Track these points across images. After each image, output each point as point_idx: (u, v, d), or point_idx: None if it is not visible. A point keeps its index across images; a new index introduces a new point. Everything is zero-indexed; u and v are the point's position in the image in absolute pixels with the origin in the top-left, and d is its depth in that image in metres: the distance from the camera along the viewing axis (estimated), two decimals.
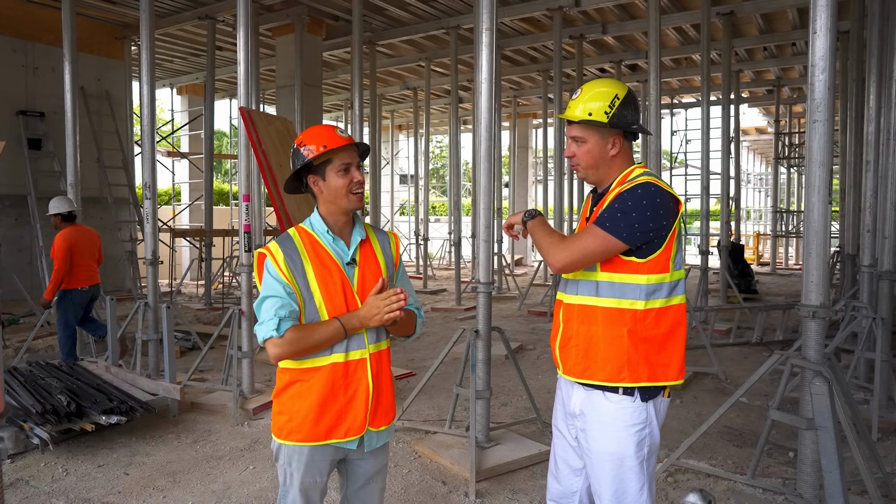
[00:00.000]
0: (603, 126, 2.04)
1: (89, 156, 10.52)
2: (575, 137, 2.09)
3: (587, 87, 2.07)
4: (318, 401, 1.95)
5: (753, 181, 28.96)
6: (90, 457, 4.05)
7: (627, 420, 2.02)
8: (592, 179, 2.15)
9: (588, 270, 2.06)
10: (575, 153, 2.10)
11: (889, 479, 3.46)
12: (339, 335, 1.93)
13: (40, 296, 9.11)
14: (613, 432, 2.02)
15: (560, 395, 2.24)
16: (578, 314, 2.08)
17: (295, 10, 9.62)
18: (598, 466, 2.06)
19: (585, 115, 2.03)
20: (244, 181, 5.04)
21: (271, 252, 1.98)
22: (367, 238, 2.09)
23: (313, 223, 2.05)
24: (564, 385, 2.20)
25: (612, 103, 2.02)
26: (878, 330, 4.72)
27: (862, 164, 5.87)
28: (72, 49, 6.09)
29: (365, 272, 2.03)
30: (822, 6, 2.84)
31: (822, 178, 2.90)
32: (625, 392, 2.01)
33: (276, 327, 1.88)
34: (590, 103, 2.04)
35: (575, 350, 2.08)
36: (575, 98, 2.09)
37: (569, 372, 2.10)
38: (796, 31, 10.80)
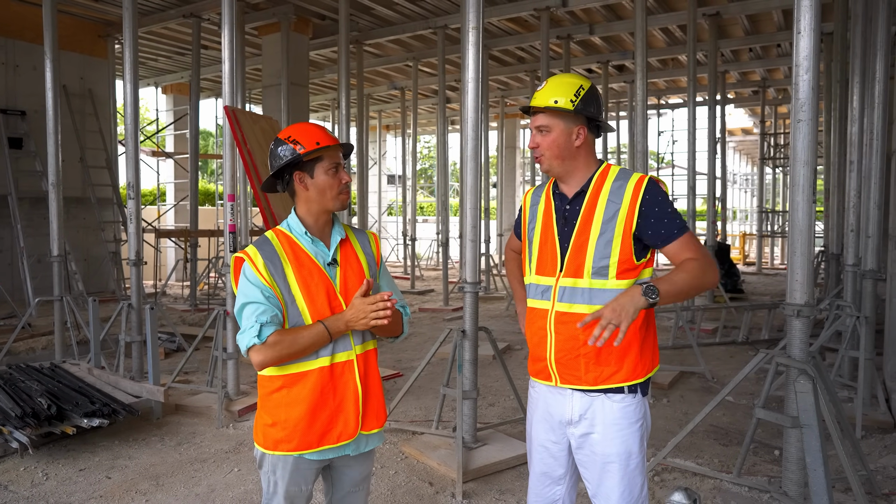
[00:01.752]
0: (568, 114, 2.02)
1: (72, 155, 10.38)
2: (540, 127, 2.05)
3: (552, 79, 2.07)
4: (307, 408, 1.90)
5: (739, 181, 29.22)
6: (71, 461, 3.98)
7: (631, 417, 2.02)
8: (557, 172, 2.08)
9: (600, 279, 1.98)
10: (539, 143, 2.06)
11: (873, 477, 3.49)
12: (323, 339, 1.88)
13: (21, 297, 9.01)
14: (620, 431, 2.01)
15: (543, 406, 2.15)
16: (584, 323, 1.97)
17: (281, 8, 9.55)
18: (606, 469, 2.02)
19: (551, 102, 2.01)
20: (229, 181, 4.99)
21: (249, 256, 1.92)
22: (346, 238, 2.05)
23: (291, 225, 2.00)
24: (553, 394, 2.11)
25: (578, 93, 2.02)
26: (861, 329, 4.76)
27: (846, 164, 5.92)
28: (53, 47, 5.99)
29: (347, 272, 2.00)
30: (806, 7, 2.85)
31: (807, 177, 2.92)
32: (629, 390, 2.01)
33: (258, 333, 1.83)
34: (555, 92, 2.02)
35: (584, 360, 2.01)
36: (540, 90, 2.06)
37: (576, 381, 2.02)
38: (781, 33, 10.90)
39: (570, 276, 2.02)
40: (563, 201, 2.10)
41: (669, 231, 1.97)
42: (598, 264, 1.98)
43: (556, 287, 2.05)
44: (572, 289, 2.02)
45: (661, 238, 1.98)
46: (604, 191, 2.03)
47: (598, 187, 2.04)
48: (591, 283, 1.99)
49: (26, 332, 7.14)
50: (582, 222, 2.03)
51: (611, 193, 2.02)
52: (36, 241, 9.37)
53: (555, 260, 2.06)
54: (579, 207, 2.05)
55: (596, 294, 1.99)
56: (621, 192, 2.00)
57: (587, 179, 2.06)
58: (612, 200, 2.01)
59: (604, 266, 1.98)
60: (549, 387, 2.11)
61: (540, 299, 2.10)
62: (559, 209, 2.10)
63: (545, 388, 2.13)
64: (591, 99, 2.04)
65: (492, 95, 15.76)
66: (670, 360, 6.50)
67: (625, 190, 2.00)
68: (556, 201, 2.12)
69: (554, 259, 2.07)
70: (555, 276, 2.06)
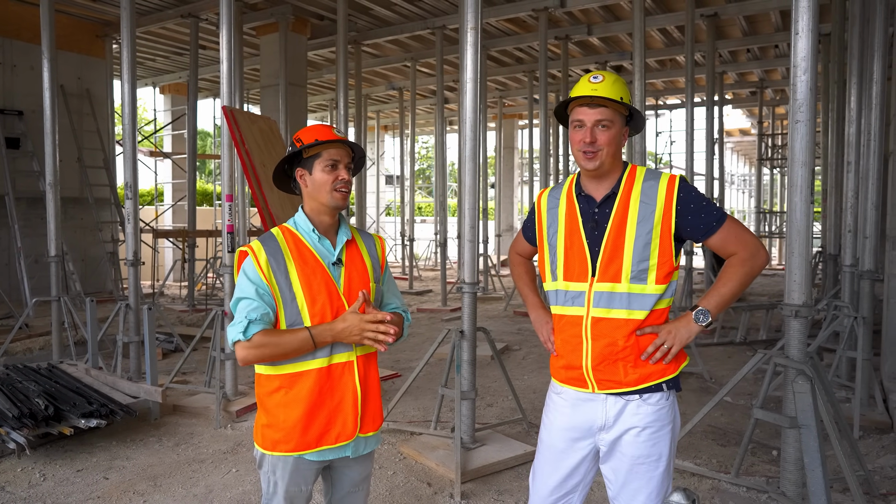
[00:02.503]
0: (625, 111, 1.97)
1: (69, 155, 10.36)
2: (602, 121, 1.92)
3: (610, 75, 1.95)
4: (305, 409, 1.90)
5: (737, 182, 29.27)
6: (69, 461, 3.97)
7: (665, 419, 1.98)
8: (605, 171, 1.97)
9: (639, 283, 1.92)
10: (598, 139, 1.92)
11: (870, 477, 3.49)
12: (307, 346, 1.86)
13: (19, 298, 8.99)
14: (653, 433, 1.96)
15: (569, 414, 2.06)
16: (622, 328, 1.94)
17: (279, 8, 9.55)
18: (634, 469, 1.97)
19: (618, 96, 1.92)
20: (227, 181, 4.98)
21: (253, 251, 1.92)
22: (352, 239, 2.05)
23: (298, 222, 2.01)
24: (586, 401, 2.02)
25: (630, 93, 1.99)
26: (859, 329, 4.77)
27: (843, 165, 5.94)
28: (51, 46, 5.98)
29: (351, 272, 1.99)
30: (804, 7, 2.86)
31: (805, 177, 2.92)
32: (667, 387, 1.98)
33: (244, 330, 1.84)
34: (619, 90, 1.93)
35: (624, 363, 1.95)
36: (598, 82, 1.93)
37: (616, 385, 1.96)
38: (779, 34, 10.92)
39: (607, 281, 1.95)
40: (590, 204, 2.01)
41: (709, 223, 1.93)
42: (638, 268, 1.92)
43: (591, 292, 1.97)
44: (610, 294, 1.95)
45: (701, 232, 1.94)
46: (634, 192, 1.96)
47: (629, 189, 1.97)
48: (629, 287, 1.93)
49: (23, 332, 7.12)
50: (615, 225, 1.95)
51: (642, 195, 1.95)
52: (33, 242, 9.34)
53: (584, 265, 1.98)
54: (609, 210, 1.97)
55: (635, 299, 1.93)
56: (653, 192, 1.94)
57: (617, 180, 1.99)
58: (645, 202, 1.94)
59: (643, 269, 1.92)
60: (582, 393, 2.03)
61: (571, 305, 2.02)
62: (586, 212, 2.01)
63: (576, 395, 2.04)
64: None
65: (490, 96, 15.77)
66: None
67: (657, 190, 1.94)
68: (582, 203, 2.02)
69: (584, 264, 1.99)
70: (587, 281, 1.98)
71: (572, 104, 1.98)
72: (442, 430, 4.32)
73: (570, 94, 1.98)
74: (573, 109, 1.98)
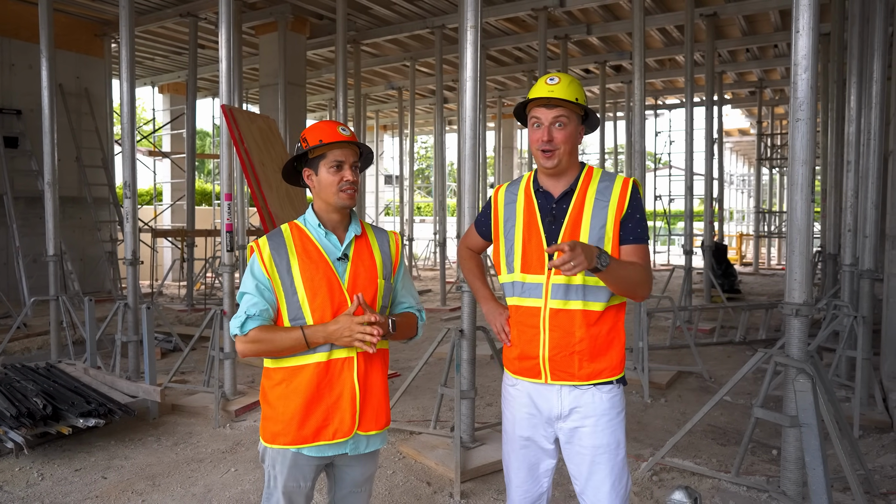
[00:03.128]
0: (581, 112, 2.07)
1: (68, 154, 10.34)
2: (559, 119, 2.02)
3: (566, 77, 2.06)
4: (302, 402, 1.92)
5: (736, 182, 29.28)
6: (67, 461, 3.96)
7: (617, 407, 2.08)
8: (562, 168, 2.07)
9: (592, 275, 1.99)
10: (555, 137, 2.02)
11: (871, 476, 3.49)
12: (299, 346, 1.89)
13: (17, 297, 8.97)
14: (609, 421, 2.06)
15: (528, 403, 2.14)
16: (579, 319, 2.03)
17: (278, 8, 9.53)
18: (598, 460, 2.05)
19: (573, 97, 2.02)
20: (226, 180, 4.97)
21: (258, 246, 1.98)
22: (363, 234, 2.06)
23: (306, 218, 2.04)
24: (540, 391, 2.11)
25: (585, 94, 2.08)
26: (859, 328, 4.77)
27: (843, 164, 5.94)
28: (49, 45, 5.96)
29: (358, 268, 2.00)
30: (805, 6, 2.85)
31: (805, 176, 2.91)
32: (617, 382, 2.08)
33: (242, 325, 1.89)
34: (574, 90, 2.04)
35: (579, 356, 2.04)
36: (554, 83, 2.03)
37: (569, 378, 2.04)
38: (778, 33, 10.91)
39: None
40: (548, 199, 2.10)
41: (633, 234, 2.05)
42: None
43: (548, 284, 2.05)
44: (567, 286, 2.03)
45: (623, 237, 2.05)
46: (590, 190, 2.07)
47: (585, 187, 2.08)
48: (584, 279, 2.02)
49: (22, 332, 7.10)
50: (571, 220, 2.05)
51: (598, 193, 2.06)
52: (32, 241, 9.32)
53: (542, 257, 2.06)
54: (567, 206, 2.07)
55: (590, 290, 2.03)
56: (608, 192, 2.05)
57: (574, 178, 2.10)
58: (600, 199, 2.05)
59: None
60: (537, 384, 2.11)
61: (528, 297, 2.09)
62: (544, 206, 2.10)
63: (530, 386, 2.13)
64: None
65: (489, 95, 15.76)
66: (668, 360, 6.51)
67: (611, 191, 2.05)
68: (540, 199, 2.11)
69: (541, 257, 2.07)
70: (544, 273, 2.06)
71: (530, 105, 2.07)
72: (441, 430, 4.31)
73: (529, 95, 2.09)
74: (531, 110, 2.08)
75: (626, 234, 2.04)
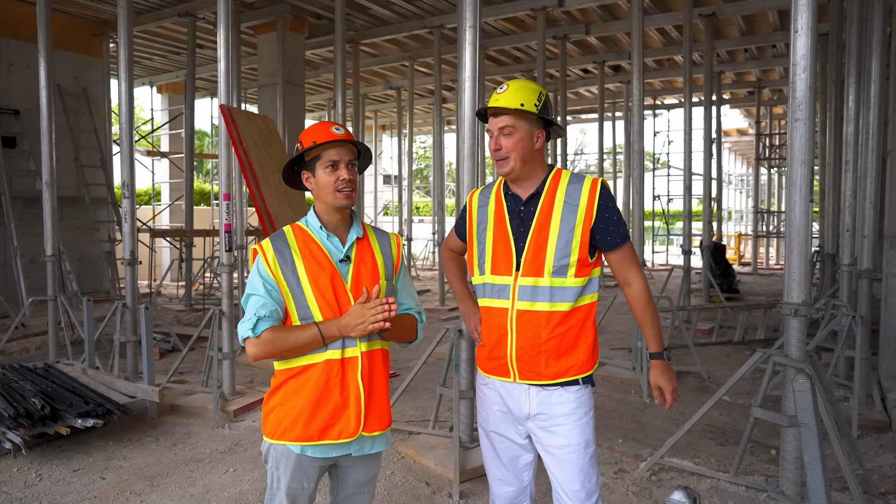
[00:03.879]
0: (531, 117, 2.07)
1: (66, 154, 10.33)
2: (504, 128, 2.06)
3: (514, 83, 2.09)
4: (312, 397, 1.92)
5: (735, 182, 29.30)
6: (65, 461, 3.95)
7: (586, 406, 2.11)
8: (518, 174, 2.10)
9: (559, 277, 2.04)
10: (503, 145, 2.07)
11: (869, 476, 3.49)
12: (316, 342, 1.89)
13: (15, 297, 8.96)
14: (577, 420, 2.08)
15: (499, 401, 2.18)
16: (545, 320, 2.06)
17: (277, 7, 9.53)
18: (567, 459, 2.08)
19: (517, 104, 2.04)
20: (225, 180, 4.96)
21: (262, 248, 1.98)
22: (364, 236, 2.06)
23: (308, 220, 2.04)
24: (510, 389, 2.14)
25: (540, 98, 2.08)
26: (857, 328, 4.77)
27: (841, 164, 5.94)
28: (47, 45, 5.95)
29: (360, 270, 2.00)
30: (804, 6, 2.85)
31: (804, 175, 2.92)
32: (583, 382, 2.11)
33: (253, 327, 1.87)
34: (520, 96, 2.05)
35: (545, 356, 2.07)
36: (501, 92, 2.08)
37: (536, 377, 2.08)
38: (777, 33, 10.93)
39: (530, 276, 2.06)
40: (516, 202, 2.13)
41: (615, 238, 2.08)
42: (559, 263, 2.04)
43: (515, 286, 2.08)
44: (533, 287, 2.06)
45: (607, 243, 2.08)
46: (559, 193, 2.08)
47: (553, 189, 2.10)
48: (551, 281, 2.05)
49: (20, 332, 7.10)
50: (539, 223, 2.07)
51: (566, 195, 2.07)
52: (30, 241, 9.31)
53: (510, 260, 2.09)
54: (534, 208, 2.09)
55: (556, 292, 2.05)
56: (577, 194, 2.07)
57: (541, 181, 2.12)
58: (568, 202, 2.06)
59: (564, 265, 2.04)
60: (506, 382, 2.14)
61: (497, 298, 2.13)
62: (513, 209, 2.13)
63: (501, 385, 2.16)
64: (549, 105, 2.12)
65: (487, 95, 15.74)
66: None
67: (580, 193, 2.07)
68: (509, 202, 2.14)
69: (509, 259, 2.09)
70: (511, 275, 2.09)
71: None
72: (440, 430, 4.31)
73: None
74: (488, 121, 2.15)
75: (611, 238, 2.07)
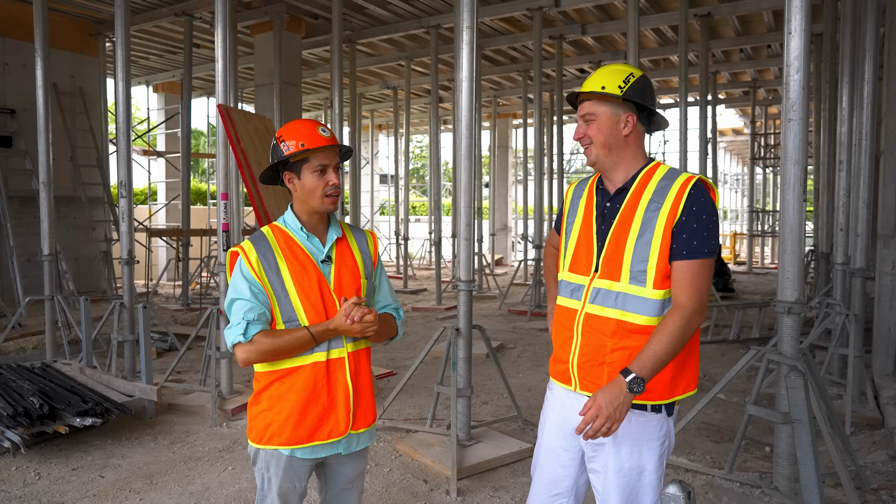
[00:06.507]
0: (615, 100, 1.88)
1: (62, 154, 10.31)
2: (586, 115, 1.91)
3: (601, 68, 1.95)
4: (300, 401, 1.91)
5: (730, 181, 29.39)
6: (64, 460, 3.96)
7: (650, 433, 1.88)
8: (603, 163, 1.93)
9: (637, 284, 1.83)
10: (585, 132, 1.91)
11: (862, 472, 3.53)
12: (307, 344, 1.89)
13: (11, 297, 8.94)
14: (634, 445, 1.88)
15: (559, 410, 2.03)
16: (612, 329, 1.86)
17: (274, 7, 9.53)
18: (612, 481, 1.90)
19: (598, 87, 1.88)
20: (222, 180, 4.98)
21: (244, 251, 1.93)
22: (343, 236, 2.06)
23: (287, 221, 2.01)
24: (571, 399, 1.97)
25: (627, 80, 1.87)
26: (851, 326, 4.81)
27: (835, 164, 5.98)
28: (44, 45, 5.95)
29: (341, 269, 2.00)
30: (797, 7, 2.88)
31: (797, 175, 2.95)
32: (653, 409, 1.86)
33: (244, 332, 1.85)
34: (602, 79, 1.90)
35: (609, 368, 1.86)
36: (588, 80, 1.94)
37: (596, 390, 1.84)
38: (772, 34, 10.98)
39: (606, 278, 1.88)
40: (604, 197, 1.96)
41: (691, 249, 1.79)
42: (636, 267, 1.83)
43: (590, 287, 1.92)
44: (606, 291, 1.88)
45: (673, 251, 1.82)
46: (648, 189, 1.88)
47: (643, 185, 1.89)
48: (627, 287, 1.85)
49: (16, 331, 7.09)
50: (620, 220, 1.88)
51: (655, 193, 1.86)
52: (26, 241, 9.29)
53: (590, 258, 1.93)
54: (619, 205, 1.90)
55: (630, 301, 1.84)
56: (665, 191, 1.84)
57: (632, 175, 1.92)
58: (655, 200, 1.85)
59: (641, 270, 1.83)
60: (568, 391, 1.98)
61: (570, 298, 1.98)
62: (599, 205, 1.96)
63: (563, 392, 2.00)
64: (643, 88, 1.89)
65: (484, 95, 15.78)
66: None
67: (669, 189, 1.84)
68: (598, 197, 1.98)
69: (589, 257, 1.94)
70: (589, 275, 1.93)
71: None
72: (438, 428, 4.33)
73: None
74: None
75: (679, 246, 1.80)
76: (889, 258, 5.37)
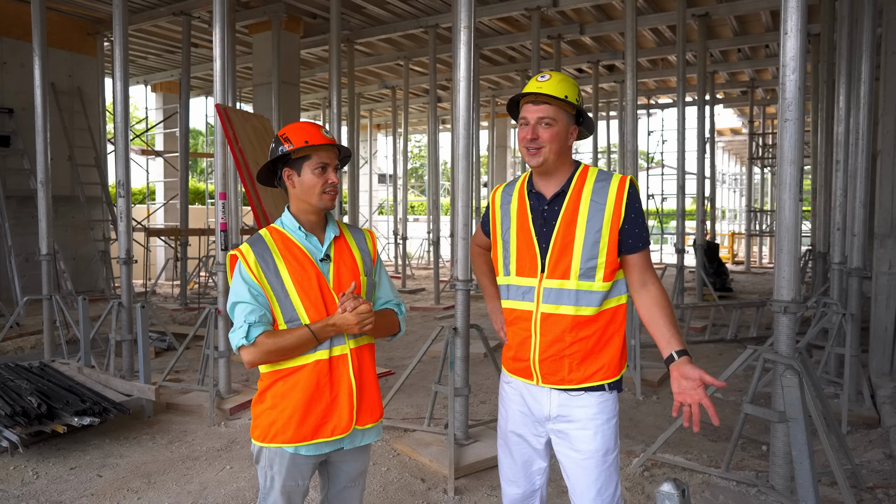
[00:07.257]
0: (570, 112, 2.00)
1: (61, 153, 10.30)
2: (545, 118, 1.97)
3: (557, 74, 2.01)
4: (304, 399, 1.93)
5: (728, 181, 29.44)
6: (62, 459, 3.97)
7: (609, 412, 2.03)
8: (549, 167, 2.01)
9: (587, 280, 1.96)
10: (541, 135, 1.97)
11: (857, 471, 3.54)
12: (310, 343, 1.91)
13: (9, 296, 8.94)
14: (598, 426, 2.01)
15: (520, 402, 2.13)
16: (569, 324, 1.98)
17: (272, 7, 9.53)
18: (584, 465, 2.02)
19: (562, 95, 1.96)
20: (220, 179, 4.98)
21: (242, 254, 1.95)
22: (341, 234, 2.07)
23: (284, 222, 2.03)
24: (532, 391, 2.09)
25: (579, 94, 2.02)
26: (847, 326, 4.83)
27: (832, 164, 6.00)
28: (42, 44, 5.95)
29: (340, 268, 2.01)
30: (793, 8, 2.89)
31: (793, 175, 2.96)
32: (609, 388, 2.02)
33: (247, 334, 1.87)
34: (564, 88, 1.97)
35: (569, 360, 2.00)
36: (544, 81, 1.98)
37: (559, 382, 2.01)
38: (769, 34, 11.00)
39: (556, 278, 1.98)
40: (540, 201, 2.04)
41: (637, 241, 1.99)
42: (586, 265, 1.96)
43: (540, 288, 2.01)
44: (559, 290, 1.99)
45: (629, 246, 1.99)
46: (585, 191, 2.00)
47: (580, 187, 2.01)
48: (578, 284, 1.97)
49: (14, 331, 7.09)
50: (564, 223, 1.98)
51: (594, 193, 1.98)
52: (24, 240, 9.29)
53: (534, 261, 2.02)
54: (559, 208, 2.00)
55: (583, 296, 1.97)
56: (604, 192, 1.98)
57: (567, 179, 2.03)
58: (596, 201, 1.97)
59: (591, 267, 1.96)
60: (529, 384, 2.09)
61: (522, 300, 2.06)
62: (536, 209, 2.04)
63: (523, 385, 2.11)
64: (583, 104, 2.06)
65: (482, 95, 15.78)
66: (660, 358, 6.55)
67: (608, 190, 1.98)
68: (532, 200, 2.06)
69: (533, 260, 2.02)
70: (536, 276, 2.02)
71: (522, 101, 2.04)
72: (435, 427, 4.34)
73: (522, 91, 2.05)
74: (522, 107, 2.04)
75: (633, 241, 1.98)
76: (886, 258, 5.39)
